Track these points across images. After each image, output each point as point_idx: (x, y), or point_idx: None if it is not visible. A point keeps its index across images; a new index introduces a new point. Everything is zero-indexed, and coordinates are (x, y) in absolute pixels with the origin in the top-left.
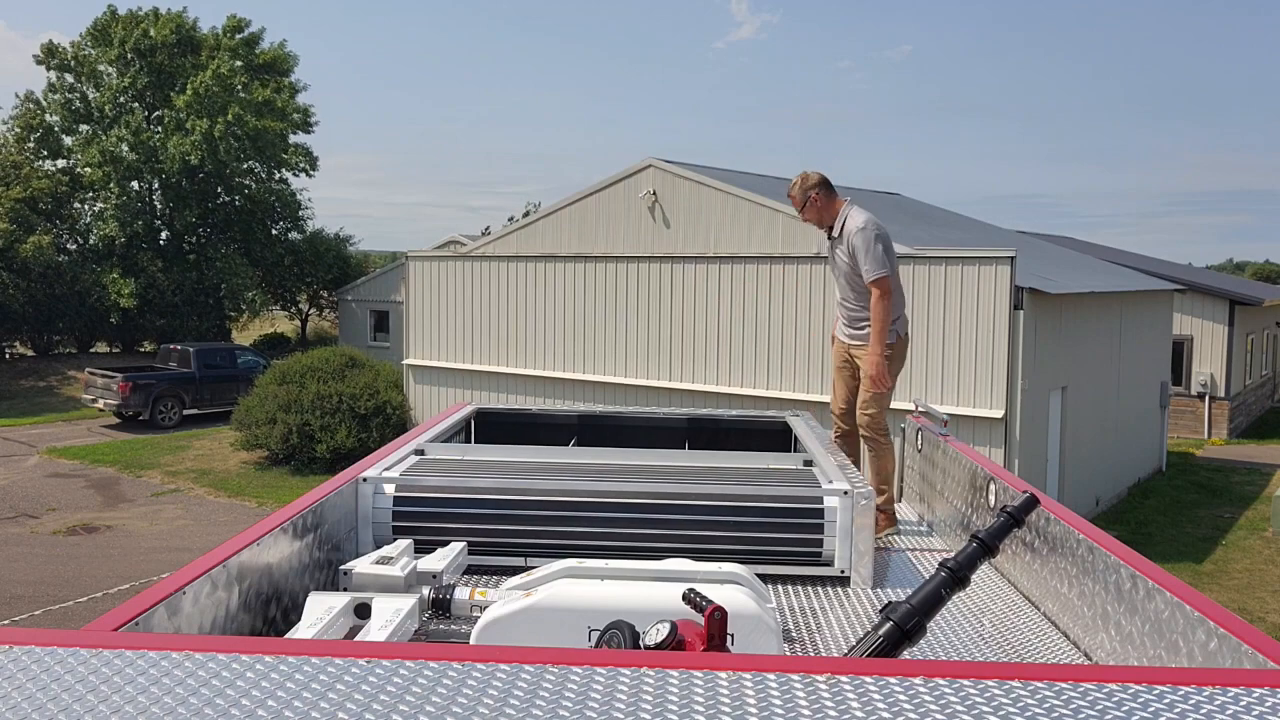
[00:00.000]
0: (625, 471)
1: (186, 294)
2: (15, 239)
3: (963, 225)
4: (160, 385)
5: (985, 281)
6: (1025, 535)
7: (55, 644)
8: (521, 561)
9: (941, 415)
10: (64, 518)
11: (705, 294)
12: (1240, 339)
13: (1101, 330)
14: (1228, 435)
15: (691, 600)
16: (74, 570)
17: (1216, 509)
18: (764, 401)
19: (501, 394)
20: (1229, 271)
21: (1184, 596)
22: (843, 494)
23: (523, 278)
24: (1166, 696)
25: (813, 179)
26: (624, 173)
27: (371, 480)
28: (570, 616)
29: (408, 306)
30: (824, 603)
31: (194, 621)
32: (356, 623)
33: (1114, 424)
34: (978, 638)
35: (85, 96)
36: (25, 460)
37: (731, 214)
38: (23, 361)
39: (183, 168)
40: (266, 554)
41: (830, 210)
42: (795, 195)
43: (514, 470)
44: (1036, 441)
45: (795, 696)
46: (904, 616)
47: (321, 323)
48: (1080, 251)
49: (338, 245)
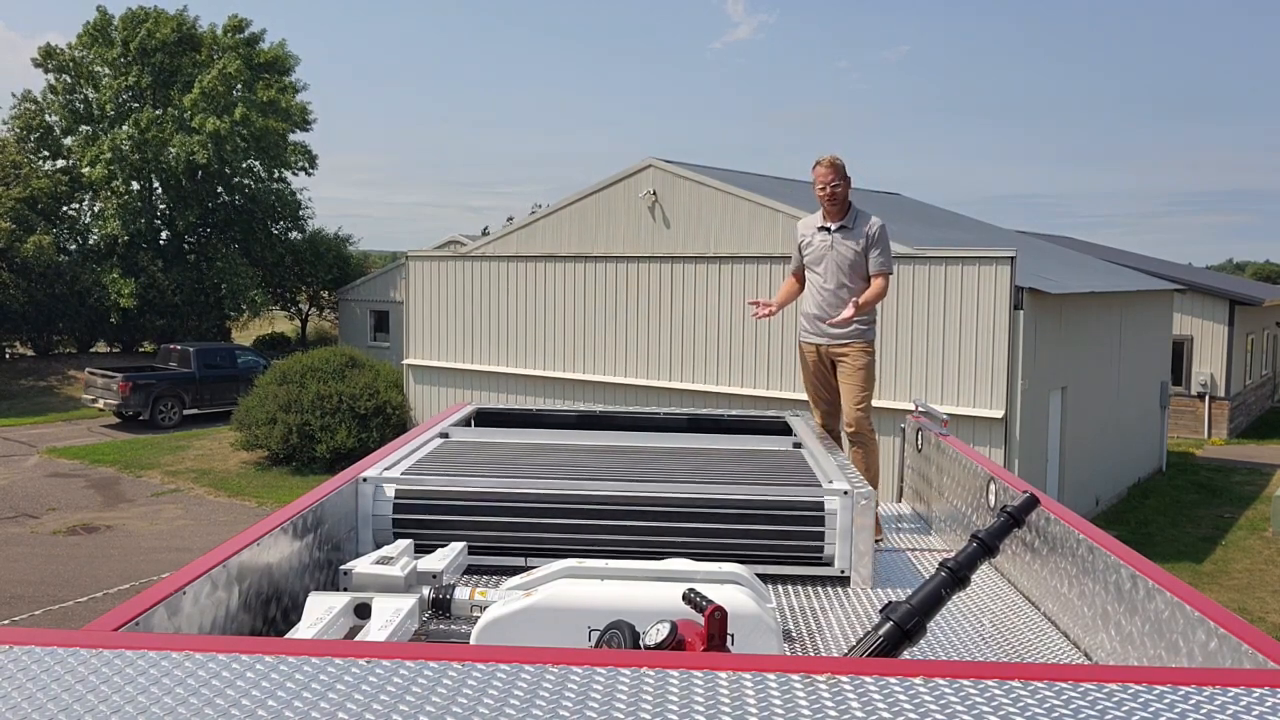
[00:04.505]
0: (625, 471)
1: (186, 294)
2: (15, 239)
3: (963, 225)
4: (160, 385)
5: (985, 281)
6: (1025, 535)
7: (55, 644)
8: (521, 561)
9: (941, 415)
10: (64, 518)
11: (705, 294)
12: (1240, 339)
13: (1101, 330)
14: (1228, 435)
15: (691, 600)
16: (74, 570)
17: (1216, 509)
18: (764, 401)
19: (501, 394)
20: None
21: (1184, 596)
22: (843, 494)
23: (523, 278)
24: (1166, 696)
25: (842, 161)
26: (624, 173)
27: (371, 480)
28: (570, 616)
29: (408, 306)
30: (824, 603)
31: (194, 621)
32: (356, 623)
33: (1114, 424)
34: (978, 638)
35: (85, 97)
36: (25, 460)
37: (731, 214)
38: (23, 361)
39: (186, 167)
40: (266, 554)
41: (846, 197)
42: (839, 164)
43: (514, 470)
44: (1036, 441)
45: (795, 696)
46: (904, 616)
47: (321, 323)
48: (1080, 251)
49: (338, 245)
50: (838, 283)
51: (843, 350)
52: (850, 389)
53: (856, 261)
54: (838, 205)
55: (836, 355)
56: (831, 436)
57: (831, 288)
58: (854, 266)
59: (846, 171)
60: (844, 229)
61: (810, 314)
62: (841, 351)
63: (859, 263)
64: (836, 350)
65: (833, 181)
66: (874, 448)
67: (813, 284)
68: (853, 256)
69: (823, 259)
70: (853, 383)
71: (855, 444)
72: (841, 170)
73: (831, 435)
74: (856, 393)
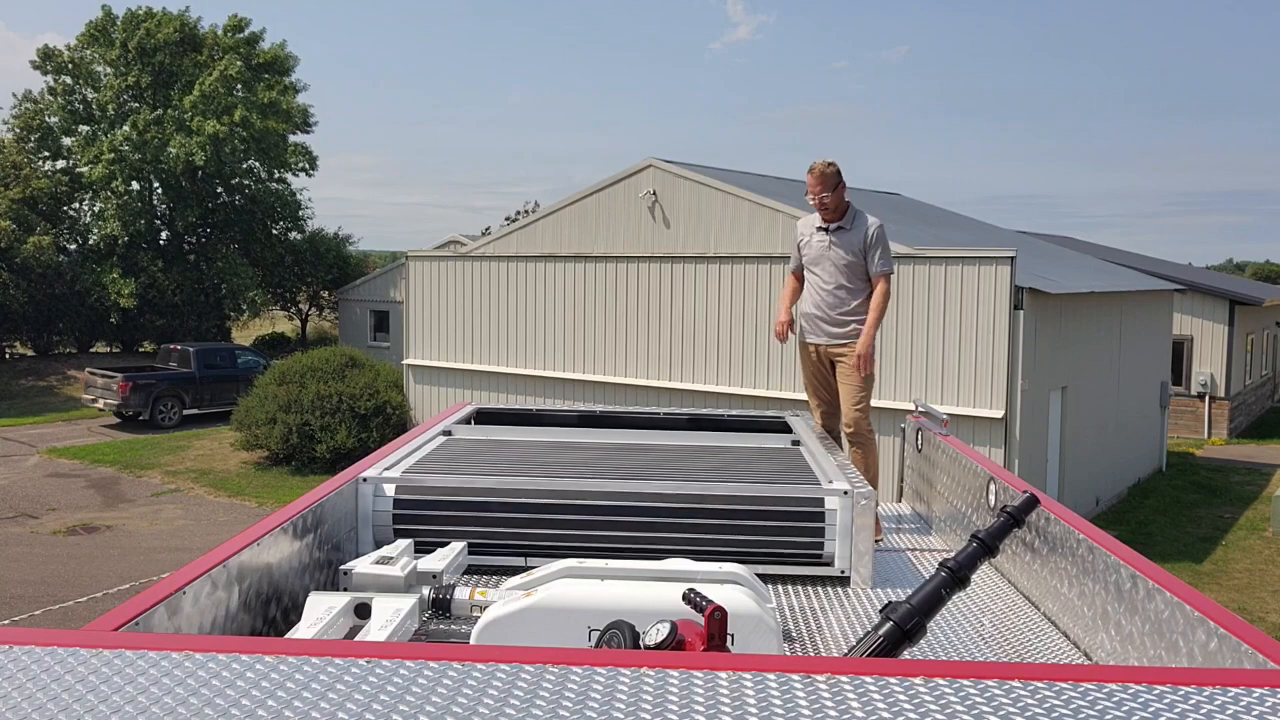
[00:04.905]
0: (625, 471)
1: (186, 294)
2: (15, 239)
3: (963, 225)
4: (160, 385)
5: (985, 281)
6: (1025, 535)
7: (55, 644)
8: (521, 561)
9: (941, 415)
10: (64, 518)
11: (705, 294)
12: (1240, 339)
13: (1101, 330)
14: (1228, 435)
15: (691, 600)
16: (74, 570)
17: (1216, 509)
18: (764, 401)
19: (501, 394)
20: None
21: (1184, 596)
22: (843, 494)
23: (523, 278)
24: (1166, 696)
25: (837, 165)
26: (624, 173)
27: (371, 480)
28: (570, 616)
29: (408, 306)
30: (824, 603)
31: (194, 621)
32: (356, 623)
33: (1114, 424)
34: (978, 638)
35: (85, 98)
36: (25, 460)
37: (731, 214)
38: (23, 361)
39: (185, 168)
40: (266, 554)
41: (842, 201)
42: (830, 173)
43: (514, 469)
44: (1036, 441)
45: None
46: (904, 616)
47: (321, 323)
48: (1080, 251)
49: (338, 245)
50: (836, 283)
51: (841, 350)
52: (849, 389)
53: (854, 262)
54: (830, 212)
55: (835, 355)
56: (831, 436)
57: (830, 288)
58: (852, 267)
59: (839, 176)
60: (842, 229)
61: (809, 314)
62: (840, 352)
63: (857, 263)
64: (835, 350)
65: (820, 193)
66: (873, 448)
67: (811, 284)
68: (851, 257)
69: (821, 259)
70: (851, 383)
71: (854, 444)
72: (830, 180)
73: (831, 435)
74: (855, 393)
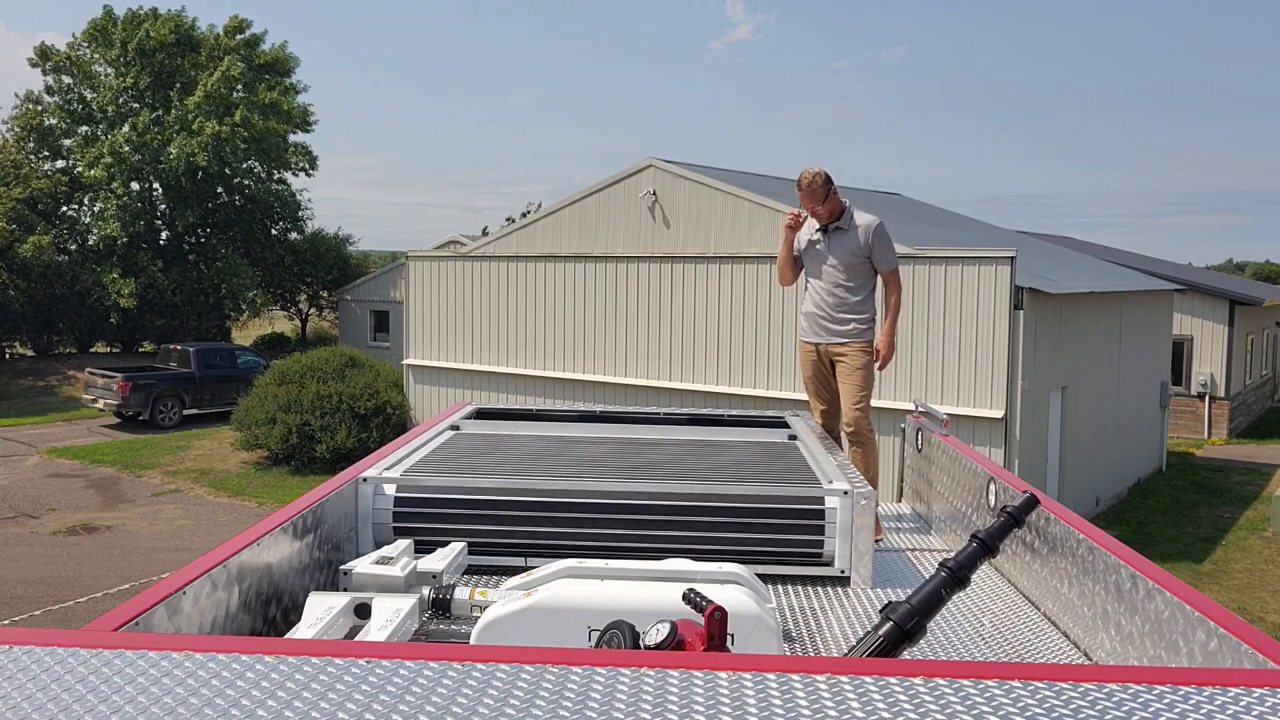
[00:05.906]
0: (625, 471)
1: (186, 294)
2: (15, 239)
3: (963, 225)
4: (160, 385)
5: (985, 281)
6: (1025, 535)
7: (55, 644)
8: (521, 561)
9: (941, 415)
10: (64, 518)
11: (705, 294)
12: (1240, 339)
13: (1101, 330)
14: (1228, 435)
15: (691, 600)
16: (74, 570)
17: (1216, 509)
18: (764, 401)
19: (501, 394)
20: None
21: (1184, 596)
22: (843, 494)
23: (523, 278)
24: (1166, 696)
25: (824, 173)
26: (624, 173)
27: (371, 480)
28: (570, 616)
29: (407, 306)
30: (824, 603)
31: (194, 621)
32: (356, 623)
33: (1114, 424)
34: (978, 638)
35: (84, 98)
36: (25, 460)
37: (731, 214)
38: (23, 361)
39: (186, 168)
40: (266, 554)
41: (835, 203)
42: (817, 186)
43: (514, 469)
44: (1036, 441)
45: (795, 696)
46: (904, 616)
47: (321, 323)
48: (1080, 251)
49: (338, 245)
50: (835, 283)
51: (841, 350)
52: (849, 389)
53: (853, 261)
54: (826, 210)
55: (835, 355)
56: (831, 436)
57: (830, 287)
58: (851, 266)
59: (828, 185)
60: (839, 230)
61: (810, 313)
62: (840, 351)
63: (855, 262)
64: (835, 350)
65: (811, 206)
66: (873, 447)
67: (811, 284)
68: (849, 257)
69: (820, 260)
70: (851, 382)
71: (854, 444)
72: (819, 193)
73: (831, 435)
74: (855, 392)
